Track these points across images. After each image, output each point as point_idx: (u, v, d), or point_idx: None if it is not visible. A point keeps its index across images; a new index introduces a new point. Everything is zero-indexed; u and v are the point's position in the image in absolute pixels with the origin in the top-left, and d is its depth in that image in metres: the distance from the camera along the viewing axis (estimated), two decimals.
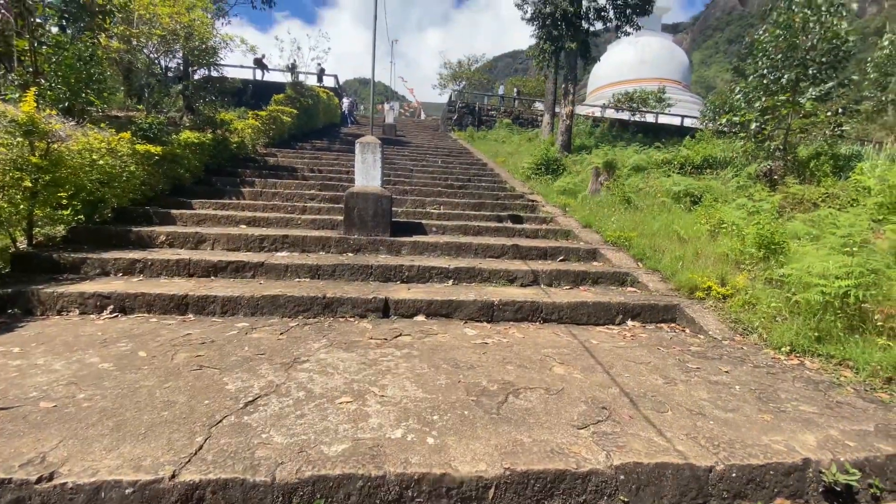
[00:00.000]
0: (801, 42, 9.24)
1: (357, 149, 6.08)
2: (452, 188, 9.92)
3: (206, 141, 8.98)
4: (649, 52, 38.18)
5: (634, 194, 9.53)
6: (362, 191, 5.96)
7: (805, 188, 8.58)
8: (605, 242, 6.62)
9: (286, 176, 9.61)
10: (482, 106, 28.35)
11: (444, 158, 13.99)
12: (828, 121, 10.27)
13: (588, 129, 22.84)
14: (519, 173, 12.07)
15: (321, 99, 18.83)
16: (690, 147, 12.46)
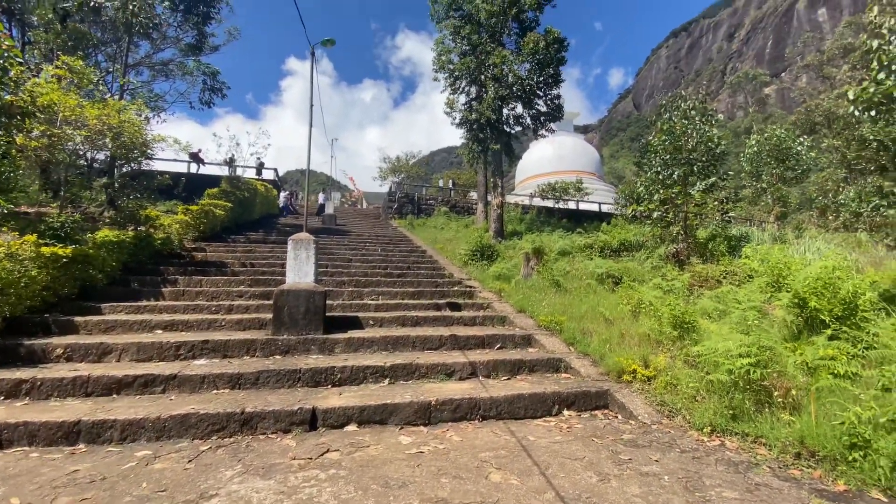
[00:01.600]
0: (684, 144, 10.99)
1: (290, 245, 6.05)
2: (391, 277, 9.97)
3: (126, 239, 8.50)
4: (565, 149, 43.20)
5: (562, 277, 10.12)
6: (293, 288, 5.82)
7: (708, 267, 9.60)
8: (539, 327, 6.83)
9: (214, 272, 9.19)
10: (421, 196, 29.85)
11: (384, 247, 14.22)
12: (716, 208, 11.95)
13: (519, 216, 24.62)
14: (457, 259, 12.49)
15: (258, 191, 18.87)
16: (607, 232, 13.74)
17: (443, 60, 17.12)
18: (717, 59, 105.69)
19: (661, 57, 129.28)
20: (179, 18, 16.78)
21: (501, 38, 16.49)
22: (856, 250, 10.44)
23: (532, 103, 16.98)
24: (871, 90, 6.51)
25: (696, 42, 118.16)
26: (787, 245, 10.82)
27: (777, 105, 70.61)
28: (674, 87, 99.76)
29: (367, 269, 10.57)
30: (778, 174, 15.52)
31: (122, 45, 17.09)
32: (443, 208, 27.24)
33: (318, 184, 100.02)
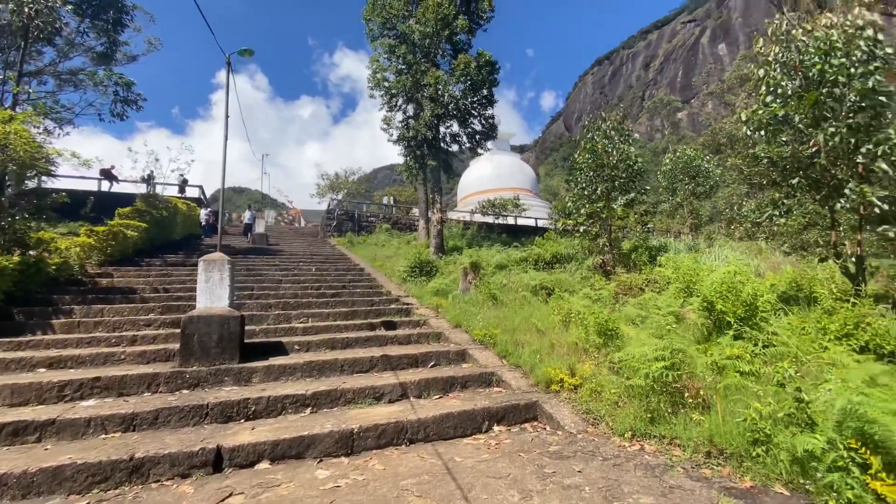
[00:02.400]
0: (606, 162, 11.67)
1: (200, 267, 5.54)
2: (325, 297, 9.52)
3: (9, 265, 7.41)
4: (503, 167, 44.74)
5: (499, 290, 10.23)
6: (205, 313, 5.31)
7: (631, 276, 10.12)
8: (474, 341, 6.78)
9: (119, 300, 8.25)
10: (362, 213, 29.34)
11: (320, 265, 13.65)
12: (637, 220, 12.77)
13: (460, 232, 24.90)
14: (396, 276, 12.25)
15: (179, 210, 17.51)
16: (541, 245, 14.19)
17: (378, 78, 17.11)
18: (637, 86, 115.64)
19: (587, 83, 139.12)
20: (87, 24, 15.41)
21: (436, 58, 16.80)
22: (757, 257, 11.58)
23: (467, 122, 17.38)
24: (759, 112, 7.29)
25: (617, 70, 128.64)
26: (700, 253, 11.75)
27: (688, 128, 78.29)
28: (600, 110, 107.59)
29: (298, 289, 10.04)
30: (690, 189, 16.98)
31: (22, 51, 15.33)
32: (384, 225, 26.91)
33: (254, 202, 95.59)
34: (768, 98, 7.17)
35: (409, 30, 16.34)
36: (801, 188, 7.00)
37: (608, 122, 12.17)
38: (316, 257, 15.54)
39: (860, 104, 6.44)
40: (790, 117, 6.89)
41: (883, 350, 5.01)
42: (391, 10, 16.79)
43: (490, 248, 17.47)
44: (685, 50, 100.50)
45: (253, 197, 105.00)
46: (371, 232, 25.34)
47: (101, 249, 11.08)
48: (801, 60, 6.97)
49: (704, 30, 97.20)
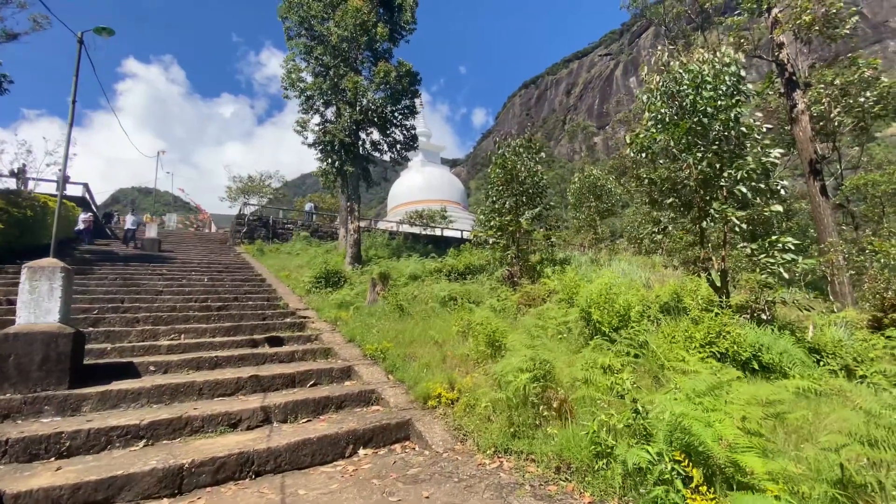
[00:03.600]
0: (515, 177, 12.03)
1: (24, 275, 4.64)
2: (209, 311, 8.62)
3: None
4: (433, 179, 45.13)
5: (408, 302, 10.00)
6: (26, 330, 4.43)
7: (535, 287, 10.41)
8: (364, 357, 6.44)
9: None
10: (278, 219, 27.70)
11: (215, 275, 12.48)
12: (544, 235, 13.29)
13: (385, 242, 24.42)
14: (300, 288, 11.52)
15: (49, 209, 15.19)
16: (455, 257, 14.25)
17: (293, 78, 16.34)
18: (559, 110, 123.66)
19: (515, 103, 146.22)
20: None
21: (355, 63, 16.43)
22: (650, 270, 12.53)
23: (388, 131, 17.14)
24: (641, 136, 7.87)
25: (542, 94, 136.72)
26: (599, 266, 12.46)
27: (602, 151, 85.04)
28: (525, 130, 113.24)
29: (178, 302, 9.00)
30: (595, 207, 18.16)
31: None
32: (302, 233, 25.60)
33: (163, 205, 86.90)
34: (649, 123, 7.77)
35: (328, 31, 15.85)
36: (676, 208, 7.64)
37: (517, 140, 12.60)
38: (214, 266, 14.24)
39: (724, 133, 7.18)
40: (667, 142, 7.51)
41: (740, 357, 5.48)
42: (309, 10, 16.17)
43: (413, 258, 17.24)
44: (601, 80, 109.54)
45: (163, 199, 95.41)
46: (287, 240, 23.97)
47: None
48: (677, 90, 7.65)
49: (618, 63, 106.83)
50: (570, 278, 7.31)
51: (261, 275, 13.39)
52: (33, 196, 15.17)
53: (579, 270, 12.10)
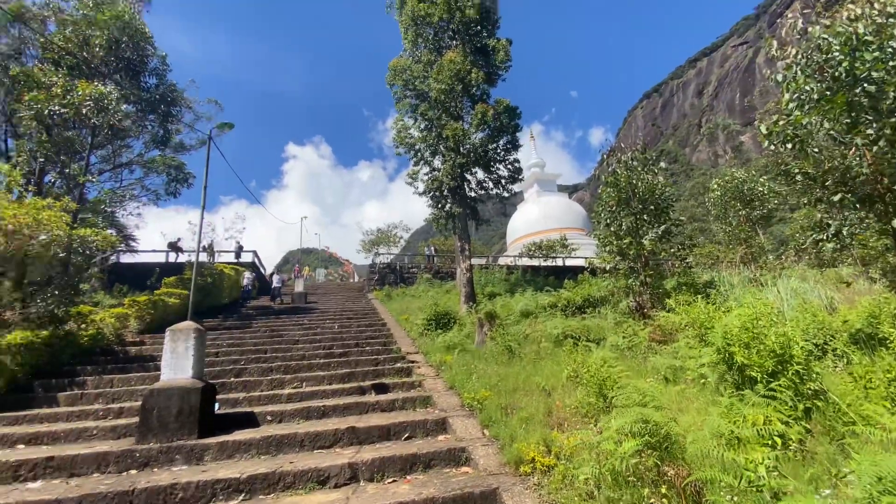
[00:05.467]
0: (633, 194, 10.74)
1: (167, 337, 5.50)
2: (331, 357, 9.25)
3: (37, 340, 7.99)
4: (550, 208, 43.80)
5: (518, 342, 9.38)
6: (166, 386, 5.18)
7: (669, 318, 8.86)
8: (462, 406, 6.04)
9: (136, 369, 8.54)
10: (403, 265, 29.67)
11: (344, 322, 13.58)
12: (676, 255, 11.46)
13: (503, 277, 24.17)
14: (414, 330, 11.78)
15: (226, 275, 18.63)
16: (571, 288, 13.13)
17: (402, 136, 17.67)
18: (691, 113, 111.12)
19: (637, 117, 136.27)
20: (151, 118, 17.65)
21: (455, 111, 17.11)
22: (837, 286, 9.75)
23: (491, 168, 17.22)
24: (780, 123, 6.30)
25: (668, 101, 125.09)
26: (762, 286, 10.18)
27: (753, 150, 72.83)
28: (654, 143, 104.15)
29: (309, 350, 9.89)
30: (744, 215, 15.19)
31: (112, 147, 17.92)
32: (425, 275, 26.85)
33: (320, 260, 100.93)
34: (791, 105, 6.19)
35: (428, 87, 16.91)
36: (848, 205, 5.77)
37: (628, 153, 11.35)
38: (346, 313, 15.57)
39: None
40: (818, 125, 5.84)
41: None
42: (411, 73, 17.57)
43: (524, 292, 16.53)
44: (739, 72, 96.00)
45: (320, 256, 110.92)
46: (412, 284, 25.32)
47: (139, 318, 11.82)
48: (824, 59, 6.01)
49: (758, 50, 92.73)
50: (699, 308, 5.95)
51: (383, 319, 14.15)
52: (213, 266, 18.84)
53: (729, 294, 10.02)
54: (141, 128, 16.90)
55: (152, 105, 16.39)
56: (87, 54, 14.21)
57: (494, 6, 18.20)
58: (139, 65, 15.86)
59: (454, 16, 16.65)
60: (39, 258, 8.42)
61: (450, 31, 17.50)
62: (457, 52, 16.38)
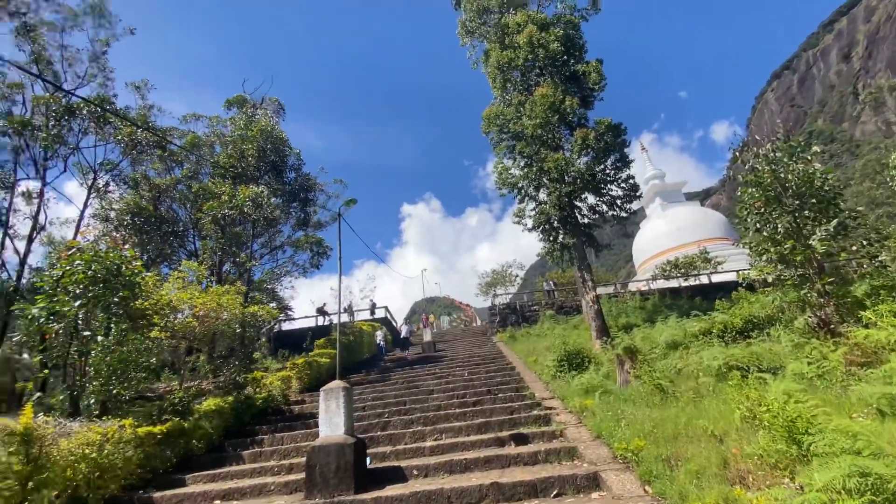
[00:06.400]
0: (780, 192, 9.14)
1: (321, 396, 6.08)
2: (465, 407, 9.23)
3: (225, 405, 9.53)
4: (680, 220, 39.45)
5: (671, 378, 8.30)
6: (324, 443, 5.66)
7: (871, 333, 7.06)
8: (614, 458, 5.41)
9: (299, 426, 9.57)
10: (524, 303, 29.05)
11: (473, 369, 13.59)
12: (861, 253, 9.24)
13: (637, 305, 22.06)
14: (546, 373, 11.22)
15: (364, 332, 20.32)
16: (724, 309, 11.31)
17: (503, 178, 17.96)
18: (841, 82, 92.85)
19: (768, 101, 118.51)
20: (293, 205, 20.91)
21: (554, 142, 16.92)
22: None
23: (602, 191, 16.37)
24: None
25: (805, 75, 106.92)
26: None
27: None
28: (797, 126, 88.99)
29: (443, 400, 10.04)
30: None
31: (267, 235, 21.75)
32: (548, 312, 25.85)
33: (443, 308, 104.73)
34: None
35: (522, 127, 17.13)
36: None
37: (768, 144, 9.77)
38: (473, 359, 15.62)
39: None
40: None
41: None
42: (504, 117, 18.06)
43: (667, 320, 14.75)
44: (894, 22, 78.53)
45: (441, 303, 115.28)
46: (535, 322, 24.55)
47: (299, 379, 13.39)
48: None
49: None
50: None
51: (511, 363, 13.84)
52: (353, 325, 20.75)
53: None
54: (287, 215, 20.09)
55: (294, 194, 19.53)
56: (244, 164, 17.68)
57: (578, 34, 18.05)
58: (281, 164, 19.18)
59: (538, 54, 16.88)
60: (223, 335, 10.27)
61: (536, 69, 17.74)
62: (547, 86, 16.43)
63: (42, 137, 16.04)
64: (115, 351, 8.31)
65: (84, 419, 7.08)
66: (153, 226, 17.42)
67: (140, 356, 8.57)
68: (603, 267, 62.29)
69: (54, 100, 16.27)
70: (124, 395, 7.98)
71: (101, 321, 8.06)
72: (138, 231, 16.75)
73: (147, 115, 18.93)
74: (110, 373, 8.04)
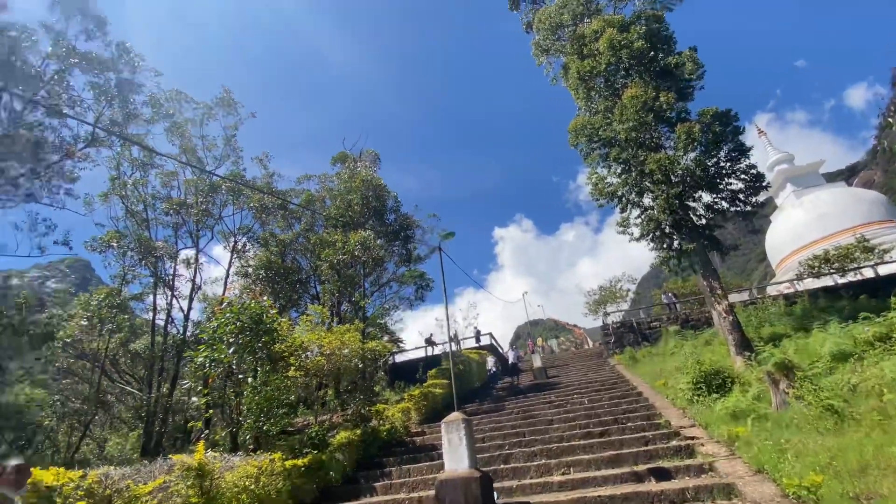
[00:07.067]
0: None
1: (442, 429, 6.15)
2: (591, 437, 8.62)
3: (355, 438, 10.15)
4: (822, 206, 33.65)
5: (844, 397, 6.89)
6: (450, 477, 5.68)
7: None
8: (784, 496, 4.55)
9: (424, 458, 9.78)
10: (641, 320, 26.67)
11: (593, 396, 12.72)
12: None
13: (782, 311, 18.97)
14: (680, 398, 10.03)
15: (473, 360, 20.36)
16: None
17: (599, 188, 17.11)
18: None
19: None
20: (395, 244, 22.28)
21: (652, 142, 15.75)
22: None
23: (718, 187, 14.66)
24: None
25: None
26: None
27: None
28: None
29: (565, 430, 9.50)
30: None
31: (375, 274, 23.52)
32: (671, 328, 23.34)
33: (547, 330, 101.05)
34: None
35: (614, 133, 16.28)
36: None
37: None
38: (591, 385, 14.65)
39: None
40: None
41: None
42: (592, 126, 17.38)
43: (824, 326, 12.32)
44: None
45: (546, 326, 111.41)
46: (656, 340, 22.30)
47: (417, 410, 13.80)
48: None
49: None
50: None
51: (636, 388, 12.69)
52: (461, 353, 20.95)
53: None
54: (390, 253, 21.44)
55: (395, 234, 20.87)
56: (350, 213, 19.45)
57: (662, 26, 16.92)
58: (381, 208, 20.74)
59: (621, 56, 16.10)
60: (346, 370, 11.09)
61: (621, 71, 16.89)
62: (636, 86, 15.51)
63: (194, 213, 19.49)
64: (261, 391, 9.46)
65: (242, 453, 8.08)
66: (282, 276, 19.82)
67: (281, 394, 9.62)
68: (731, 271, 54.99)
69: (200, 181, 19.77)
70: (272, 430, 8.96)
71: (248, 365, 9.26)
72: (270, 282, 19.18)
73: (270, 182, 21.95)
74: (259, 410, 9.14)
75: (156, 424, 15.81)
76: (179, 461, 6.03)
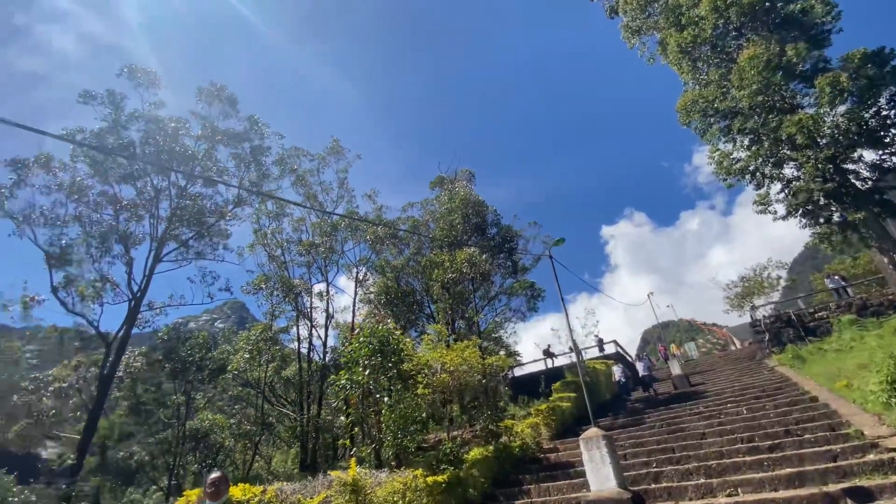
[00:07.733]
0: None
1: (581, 446, 5.85)
2: (758, 452, 7.42)
3: (488, 454, 10.14)
4: None
5: None
6: (598, 497, 5.34)
7: None
8: None
9: (561, 476, 9.35)
10: (801, 312, 22.54)
11: (753, 403, 10.99)
12: None
13: None
14: (872, 401, 8.15)
15: (599, 371, 19.13)
16: None
17: (725, 166, 15.19)
18: None
19: None
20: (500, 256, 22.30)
21: (786, 104, 13.53)
22: None
23: (883, 140, 11.97)
24: None
25: None
26: None
27: None
28: None
29: (723, 445, 8.33)
30: None
31: (484, 288, 23.85)
32: (844, 318, 19.26)
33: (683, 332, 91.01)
34: None
35: (734, 101, 14.40)
36: None
37: None
38: (748, 391, 12.70)
39: None
40: None
41: None
42: (705, 100, 15.60)
43: None
44: None
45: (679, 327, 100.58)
46: (825, 333, 18.58)
47: (546, 425, 13.34)
48: None
49: None
50: None
51: (808, 391, 10.67)
52: (585, 364, 19.84)
53: None
54: (496, 266, 21.49)
55: (498, 247, 20.93)
56: (454, 233, 20.03)
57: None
58: (483, 223, 21.04)
59: (729, 16, 14.30)
60: (468, 386, 11.24)
61: (731, 33, 15.00)
62: (753, 45, 13.61)
63: (321, 251, 21.89)
64: (395, 409, 10.04)
65: (386, 469, 8.60)
66: (399, 299, 21.09)
67: (413, 411, 10.10)
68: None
69: (323, 222, 22.20)
70: (409, 447, 9.41)
71: (382, 385, 9.93)
72: (390, 305, 20.53)
73: (380, 214, 23.75)
74: (396, 427, 9.69)
75: (309, 442, 17.72)
76: (337, 477, 6.64)
